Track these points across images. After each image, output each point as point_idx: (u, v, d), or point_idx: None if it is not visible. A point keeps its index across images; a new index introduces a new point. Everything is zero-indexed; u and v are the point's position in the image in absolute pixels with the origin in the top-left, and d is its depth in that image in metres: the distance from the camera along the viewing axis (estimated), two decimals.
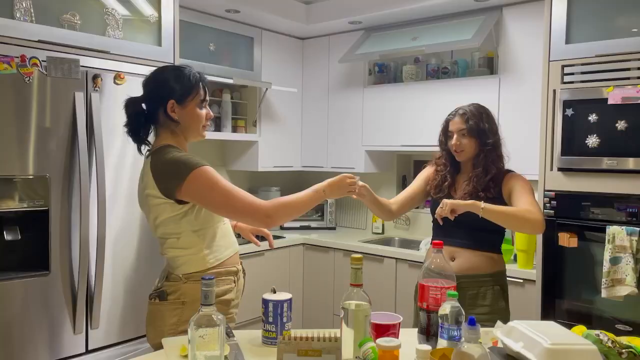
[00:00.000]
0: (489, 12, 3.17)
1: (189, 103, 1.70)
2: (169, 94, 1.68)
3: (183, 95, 1.68)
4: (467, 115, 2.08)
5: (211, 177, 1.61)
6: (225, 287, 1.71)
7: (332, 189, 1.73)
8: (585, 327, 1.48)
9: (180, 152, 1.67)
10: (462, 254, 2.04)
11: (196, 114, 1.72)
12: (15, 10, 2.19)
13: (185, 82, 1.69)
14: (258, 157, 3.79)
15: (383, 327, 1.41)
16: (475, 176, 2.06)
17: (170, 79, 1.69)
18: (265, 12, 3.47)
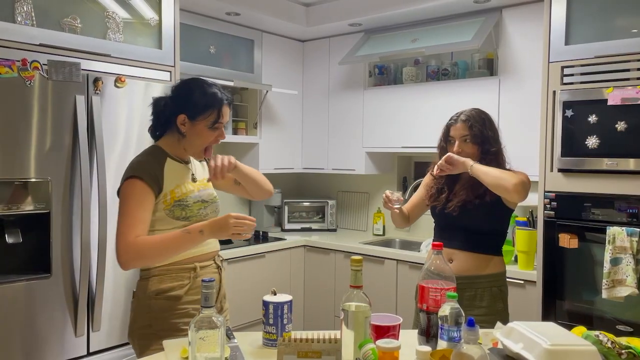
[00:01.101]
0: (489, 13, 3.18)
1: (200, 122, 1.71)
2: (184, 106, 1.71)
3: (196, 112, 1.70)
4: (470, 121, 2.05)
5: (129, 193, 1.63)
6: (175, 284, 1.69)
7: (212, 229, 1.60)
8: (585, 328, 1.49)
9: (148, 157, 1.71)
10: (460, 256, 2.05)
11: (203, 134, 1.73)
12: (16, 14, 2.20)
13: (204, 100, 1.70)
14: (259, 159, 3.80)
15: (383, 329, 1.42)
16: (471, 185, 2.03)
17: (193, 92, 1.72)
18: (265, 15, 3.48)
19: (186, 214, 1.71)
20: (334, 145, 3.94)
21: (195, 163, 1.88)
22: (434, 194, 2.16)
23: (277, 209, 4.16)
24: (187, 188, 1.74)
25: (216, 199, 1.86)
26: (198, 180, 1.83)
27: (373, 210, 4.09)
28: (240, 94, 3.87)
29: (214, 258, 1.82)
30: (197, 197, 1.76)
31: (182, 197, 1.71)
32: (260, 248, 3.48)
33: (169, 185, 1.70)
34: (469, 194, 2.04)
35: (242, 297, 3.29)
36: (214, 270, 1.80)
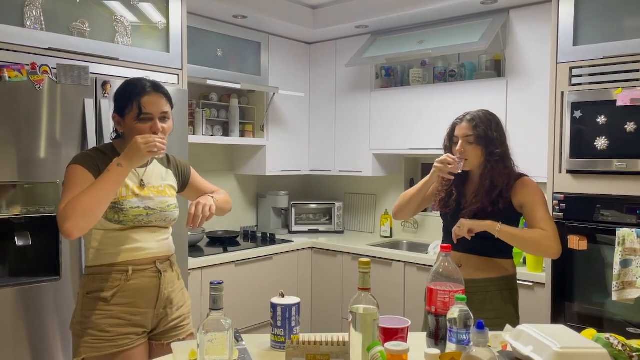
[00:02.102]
0: (496, 14, 3.17)
1: (127, 117, 1.68)
2: (115, 105, 1.72)
3: (120, 107, 1.70)
4: (475, 121, 1.99)
5: (68, 177, 1.63)
6: (104, 284, 1.67)
7: (127, 157, 1.59)
8: (595, 330, 1.47)
9: (95, 151, 1.72)
10: (470, 260, 2.00)
11: (134, 129, 1.67)
12: (25, 18, 2.22)
13: (123, 93, 1.70)
14: (266, 161, 3.80)
15: (391, 331, 1.41)
16: (483, 191, 1.97)
17: (117, 92, 1.72)
18: (272, 18, 3.49)
19: (119, 217, 1.67)
20: (341, 147, 3.94)
21: (153, 167, 1.81)
22: (443, 199, 2.09)
23: (284, 211, 4.16)
24: (127, 192, 1.69)
25: (169, 209, 1.79)
26: (149, 186, 1.76)
27: (380, 212, 4.08)
28: (247, 96, 3.88)
29: (154, 262, 1.75)
30: (137, 204, 1.70)
31: (118, 200, 1.66)
32: (268, 250, 3.48)
33: None
34: (484, 202, 1.97)
35: (250, 299, 3.30)
36: (152, 274, 1.73)
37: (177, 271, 1.85)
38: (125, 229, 1.69)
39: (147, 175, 1.79)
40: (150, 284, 1.73)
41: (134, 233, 1.71)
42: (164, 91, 1.74)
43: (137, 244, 1.72)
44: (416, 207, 2.17)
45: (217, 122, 3.66)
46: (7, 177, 2.09)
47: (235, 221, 4.02)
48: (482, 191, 1.97)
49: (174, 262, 1.85)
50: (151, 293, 1.73)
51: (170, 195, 1.82)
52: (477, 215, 1.96)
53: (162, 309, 1.76)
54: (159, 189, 1.79)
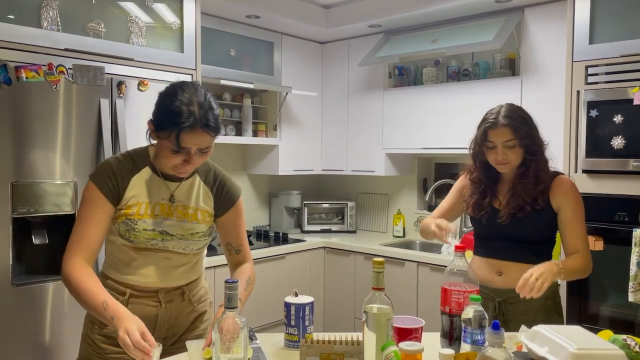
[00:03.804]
0: (511, 13, 3.14)
1: (162, 139, 1.44)
2: (153, 113, 1.47)
3: (158, 126, 1.44)
4: (513, 124, 1.82)
5: (86, 197, 1.49)
6: None
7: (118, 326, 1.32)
8: (611, 331, 1.46)
9: (121, 161, 1.52)
10: (511, 268, 1.83)
11: (164, 154, 1.46)
12: (42, 20, 2.25)
13: (164, 114, 1.42)
14: (278, 161, 3.81)
15: (405, 331, 1.41)
16: (523, 189, 1.84)
17: (165, 99, 1.44)
18: (285, 17, 3.49)
19: (130, 236, 1.49)
20: (354, 147, 3.94)
21: (191, 183, 1.59)
22: (477, 202, 1.93)
23: (296, 211, 4.17)
24: (146, 209, 1.50)
25: (193, 238, 1.56)
26: (177, 204, 1.55)
27: (393, 211, 4.07)
28: (260, 96, 3.89)
29: (157, 291, 1.55)
30: (152, 227, 1.50)
31: (135, 217, 1.49)
32: (280, 249, 3.49)
33: (130, 199, 1.50)
34: (524, 199, 1.84)
35: (263, 298, 3.31)
36: (151, 303, 1.54)
37: (189, 298, 1.61)
38: (137, 248, 1.51)
39: (180, 190, 1.56)
40: (147, 313, 1.52)
41: (144, 255, 1.52)
42: (212, 126, 1.44)
43: (142, 270, 1.52)
44: None
45: (230, 121, 3.67)
46: (24, 176, 2.12)
47: (248, 220, 4.03)
48: (521, 189, 1.84)
49: (190, 290, 1.62)
50: (148, 322, 1.48)
51: (200, 221, 1.58)
52: (514, 216, 1.84)
53: (163, 336, 1.58)
54: (188, 212, 1.56)
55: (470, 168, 1.98)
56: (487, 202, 1.91)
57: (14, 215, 2.09)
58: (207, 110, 1.42)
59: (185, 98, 1.41)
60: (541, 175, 1.86)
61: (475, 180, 1.94)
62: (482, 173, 1.92)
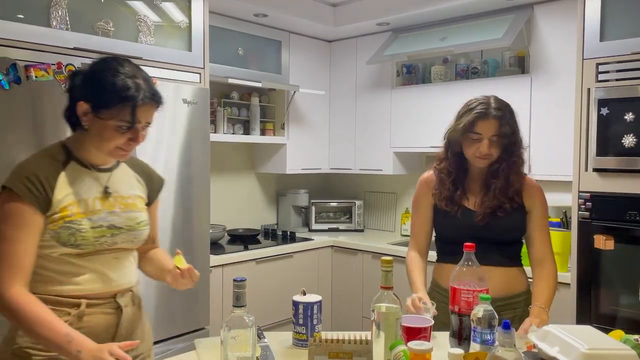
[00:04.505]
0: (520, 10, 3.12)
1: (105, 119, 1.31)
2: (87, 93, 1.32)
3: (99, 105, 1.31)
4: (504, 117, 1.75)
5: (6, 214, 1.28)
6: None
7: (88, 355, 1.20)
8: (623, 331, 1.44)
9: (41, 160, 1.34)
10: (494, 274, 1.71)
11: (105, 135, 1.32)
12: (51, 19, 2.26)
13: (115, 90, 1.29)
14: (286, 159, 3.81)
15: (414, 330, 1.40)
16: (496, 188, 1.78)
17: (102, 75, 1.31)
18: (292, 16, 3.49)
19: (76, 240, 1.32)
20: (362, 146, 3.93)
21: (122, 172, 1.47)
22: (448, 197, 1.82)
23: (304, 209, 4.17)
24: (86, 206, 1.35)
25: (139, 227, 1.45)
26: (114, 195, 1.42)
27: (401, 210, 4.06)
28: (268, 94, 3.89)
29: (114, 296, 1.41)
30: (100, 222, 1.36)
31: (76, 217, 1.32)
32: (288, 248, 3.49)
33: (63, 199, 1.32)
34: (498, 200, 1.77)
35: (270, 297, 3.31)
36: (109, 310, 1.40)
37: (138, 303, 1.51)
38: (83, 253, 1.34)
39: (113, 180, 1.43)
40: (106, 323, 1.39)
41: (92, 260, 1.36)
42: (160, 100, 1.39)
43: (95, 275, 1.37)
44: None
45: (238, 120, 3.68)
46: None
47: (256, 219, 4.04)
48: (494, 189, 1.78)
49: (136, 293, 1.51)
50: (106, 333, 1.39)
51: (140, 209, 1.48)
52: (490, 217, 1.78)
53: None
54: (128, 201, 1.45)
55: (440, 156, 1.89)
56: (458, 196, 1.82)
57: None
58: (151, 84, 1.37)
59: (129, 72, 1.33)
60: (511, 177, 1.79)
61: (444, 172, 1.85)
62: (452, 165, 1.84)
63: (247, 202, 3.99)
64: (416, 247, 1.94)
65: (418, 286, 1.82)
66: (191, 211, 2.64)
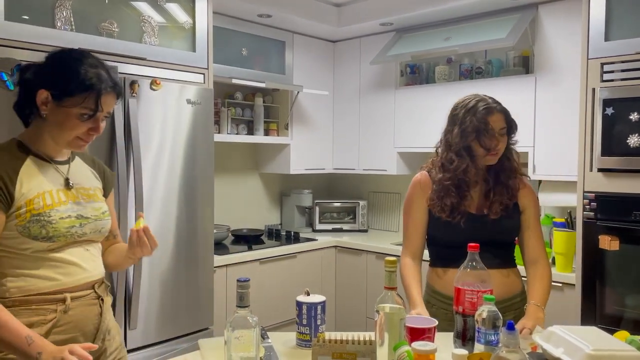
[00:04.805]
0: (524, 10, 3.11)
1: (67, 107, 1.33)
2: (48, 81, 1.33)
3: (64, 92, 1.32)
4: (505, 110, 1.77)
5: None
6: (35, 319, 1.32)
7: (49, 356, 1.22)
8: (628, 332, 1.44)
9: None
10: (495, 277, 1.65)
11: (67, 124, 1.34)
12: (56, 20, 2.27)
13: (79, 78, 1.32)
14: (290, 159, 3.81)
15: (418, 331, 1.40)
16: (504, 186, 1.76)
17: (64, 65, 1.35)
18: (296, 16, 3.49)
19: (48, 232, 1.32)
20: (365, 146, 3.93)
21: (77, 164, 1.49)
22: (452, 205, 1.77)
23: (308, 210, 4.16)
24: (55, 198, 1.36)
25: (104, 217, 1.47)
26: (76, 187, 1.43)
27: None
28: (272, 95, 3.90)
29: (93, 286, 1.44)
30: (69, 211, 1.37)
31: (44, 210, 1.32)
32: (292, 248, 3.49)
33: (28, 193, 1.32)
34: (505, 201, 1.75)
35: (274, 297, 3.31)
36: (92, 301, 1.43)
37: (110, 296, 1.54)
38: (56, 247, 1.35)
39: (72, 172, 1.44)
40: (90, 314, 1.42)
41: (65, 252, 1.37)
42: (121, 91, 1.44)
43: (72, 267, 1.38)
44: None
45: (242, 120, 3.68)
46: None
47: (260, 219, 4.04)
48: (501, 187, 1.77)
49: (107, 284, 1.53)
50: (92, 324, 1.42)
51: (101, 199, 1.50)
52: (500, 218, 1.76)
53: (101, 342, 1.45)
54: (89, 192, 1.46)
55: (441, 166, 1.81)
56: (464, 204, 1.77)
57: None
58: (113, 75, 1.40)
59: (93, 62, 1.37)
60: (514, 169, 1.80)
61: (460, 173, 1.75)
62: (462, 170, 1.76)
63: (250, 203, 4.00)
64: (410, 252, 1.88)
65: (416, 301, 1.75)
66: (195, 211, 2.64)
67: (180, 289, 2.57)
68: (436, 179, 1.82)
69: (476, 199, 1.81)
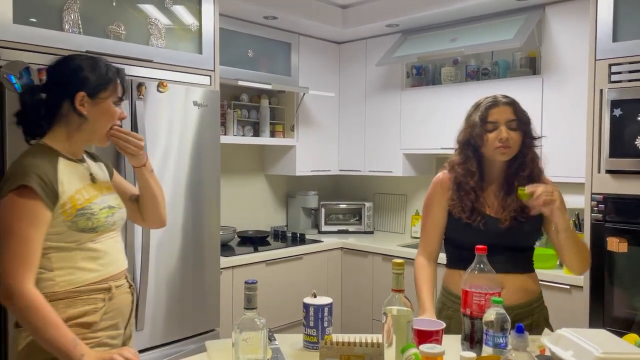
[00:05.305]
0: (531, 11, 3.10)
1: (103, 99, 1.48)
2: (81, 84, 1.45)
3: (97, 88, 1.47)
4: (513, 103, 1.72)
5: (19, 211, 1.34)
6: (88, 308, 1.43)
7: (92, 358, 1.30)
8: (637, 335, 1.43)
9: (38, 159, 1.40)
10: (512, 281, 1.69)
11: (109, 112, 1.50)
12: (64, 22, 2.28)
13: (102, 73, 1.49)
14: (296, 161, 3.81)
15: (426, 333, 1.39)
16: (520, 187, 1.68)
17: (85, 68, 1.47)
18: (302, 18, 3.49)
19: (93, 224, 1.44)
20: (371, 147, 3.92)
21: (90, 162, 1.59)
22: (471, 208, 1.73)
23: (313, 211, 4.16)
24: (89, 192, 1.47)
25: (123, 205, 1.60)
26: (99, 181, 1.55)
27: (411, 212, 4.05)
28: (278, 96, 3.90)
29: (125, 275, 1.57)
30: (103, 203, 1.49)
31: (86, 203, 1.44)
32: (298, 250, 3.49)
33: (68, 190, 1.42)
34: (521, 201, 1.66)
35: (280, 299, 3.31)
36: (127, 290, 1.55)
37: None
38: (95, 238, 1.46)
39: (91, 169, 1.56)
40: (126, 301, 1.54)
41: (101, 243, 1.49)
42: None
43: (110, 257, 1.50)
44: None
45: (248, 122, 3.69)
46: None
47: (266, 221, 4.05)
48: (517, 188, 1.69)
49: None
50: (127, 311, 1.55)
51: (115, 191, 1.62)
52: (515, 219, 1.71)
53: (129, 328, 1.58)
54: (107, 185, 1.59)
55: (456, 159, 1.80)
56: (479, 204, 1.74)
57: None
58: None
59: (98, 57, 1.54)
60: (535, 168, 1.76)
61: (467, 172, 1.75)
62: (478, 163, 1.74)
63: (256, 204, 4.00)
64: (426, 253, 1.87)
65: (426, 306, 1.73)
66: (201, 213, 2.65)
67: (186, 291, 2.58)
68: (452, 178, 1.81)
69: (494, 199, 1.76)
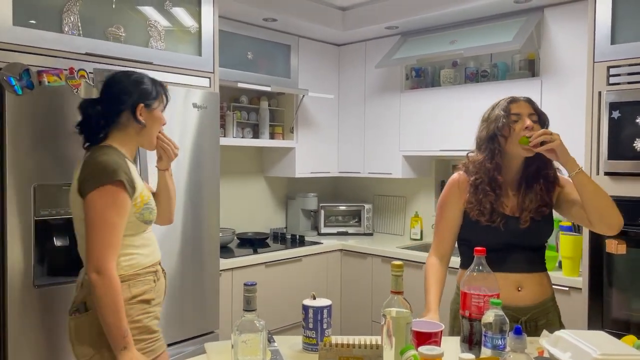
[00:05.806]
0: (530, 13, 3.11)
1: (155, 108, 1.76)
2: (140, 96, 1.72)
3: (152, 98, 1.74)
4: (532, 101, 1.74)
5: (114, 198, 1.57)
6: (146, 287, 1.70)
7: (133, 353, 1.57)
8: (635, 337, 1.43)
9: (118, 158, 1.64)
10: (529, 281, 1.71)
11: (159, 119, 1.78)
12: (63, 24, 2.28)
13: (153, 86, 1.76)
14: (295, 163, 3.82)
15: (425, 335, 1.40)
16: (541, 186, 1.72)
17: (142, 81, 1.74)
18: (301, 20, 3.50)
19: (152, 217, 1.73)
20: (371, 149, 3.93)
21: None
22: (490, 210, 1.72)
23: (313, 213, 4.17)
24: (147, 190, 1.76)
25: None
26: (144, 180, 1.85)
27: (410, 214, 4.05)
28: (277, 98, 3.91)
29: (159, 262, 1.81)
30: (153, 200, 1.76)
31: (149, 199, 1.72)
32: (297, 252, 3.49)
33: (139, 187, 1.68)
34: (542, 200, 1.70)
35: (279, 301, 3.31)
36: (163, 274, 1.82)
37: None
38: (148, 229, 1.74)
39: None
40: (164, 286, 1.82)
41: (150, 234, 1.76)
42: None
43: (155, 245, 1.78)
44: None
45: (247, 124, 3.69)
46: (46, 179, 2.15)
47: (265, 223, 4.05)
48: (538, 187, 1.73)
49: None
50: (163, 295, 1.82)
51: None
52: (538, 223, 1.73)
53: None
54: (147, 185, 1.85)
55: (474, 157, 1.78)
56: (499, 204, 1.73)
57: (36, 217, 2.12)
58: None
59: (136, 72, 1.79)
60: (551, 172, 1.76)
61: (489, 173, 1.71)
62: (493, 167, 1.71)
63: (256, 206, 4.00)
64: (439, 253, 1.86)
65: (431, 306, 1.75)
66: (201, 215, 2.65)
67: (186, 293, 2.58)
68: (470, 181, 1.77)
69: (511, 199, 1.76)
